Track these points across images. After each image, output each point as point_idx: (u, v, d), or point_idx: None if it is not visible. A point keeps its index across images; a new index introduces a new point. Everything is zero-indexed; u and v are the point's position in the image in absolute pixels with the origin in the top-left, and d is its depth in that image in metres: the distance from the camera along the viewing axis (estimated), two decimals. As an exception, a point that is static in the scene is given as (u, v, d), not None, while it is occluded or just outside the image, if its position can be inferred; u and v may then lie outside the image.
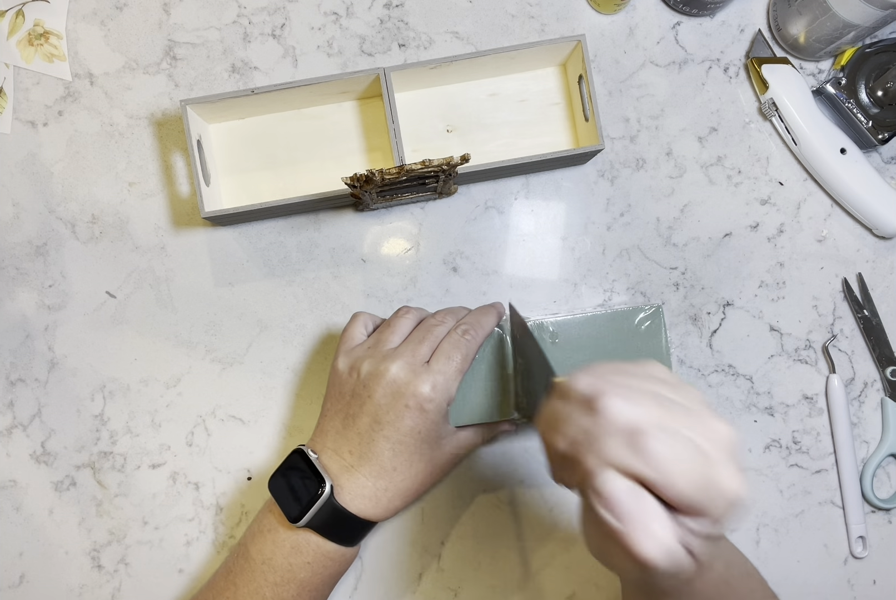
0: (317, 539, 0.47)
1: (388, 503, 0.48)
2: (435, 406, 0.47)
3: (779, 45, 0.62)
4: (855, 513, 0.60)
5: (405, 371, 0.47)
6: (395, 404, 0.46)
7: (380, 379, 0.47)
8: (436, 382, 0.47)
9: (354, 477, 0.47)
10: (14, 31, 0.61)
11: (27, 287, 0.60)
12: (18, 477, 0.59)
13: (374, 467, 0.47)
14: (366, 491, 0.47)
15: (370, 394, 0.47)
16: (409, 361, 0.47)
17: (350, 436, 0.48)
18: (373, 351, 0.49)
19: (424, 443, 0.48)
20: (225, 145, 0.60)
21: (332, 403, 0.50)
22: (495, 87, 0.61)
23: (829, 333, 0.61)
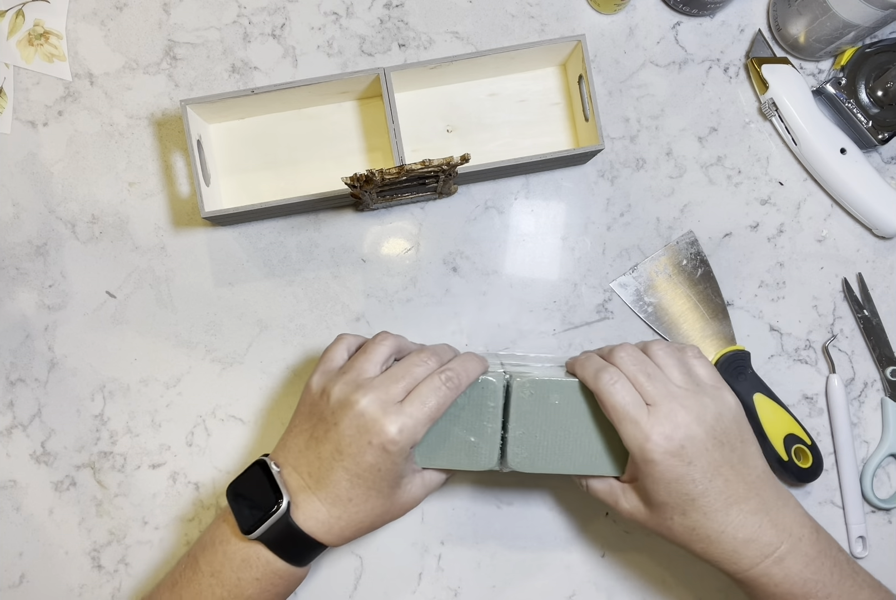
0: (267, 554, 0.46)
1: (340, 531, 0.47)
2: (398, 448, 0.45)
3: (779, 45, 0.62)
4: (855, 513, 0.60)
5: (375, 406, 0.45)
6: (358, 438, 0.45)
7: (348, 409, 0.45)
8: (404, 425, 0.45)
9: (310, 500, 0.46)
10: (14, 31, 0.61)
11: (27, 287, 0.60)
12: (18, 477, 0.59)
13: (329, 494, 0.46)
14: (320, 516, 0.46)
15: (336, 421, 0.46)
16: (381, 397, 0.45)
17: (311, 459, 0.47)
18: (347, 377, 0.47)
19: (384, 481, 0.46)
20: (225, 145, 0.60)
21: (299, 421, 0.49)
22: (495, 87, 0.61)
23: (829, 333, 0.61)
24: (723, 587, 0.59)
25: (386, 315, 0.60)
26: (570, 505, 0.59)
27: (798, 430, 0.58)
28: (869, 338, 0.61)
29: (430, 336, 0.60)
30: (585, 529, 0.59)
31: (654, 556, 0.59)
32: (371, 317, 0.60)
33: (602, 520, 0.59)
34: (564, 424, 0.49)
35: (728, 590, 0.59)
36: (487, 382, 0.49)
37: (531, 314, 0.60)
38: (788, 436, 0.58)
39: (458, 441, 0.49)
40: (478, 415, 0.49)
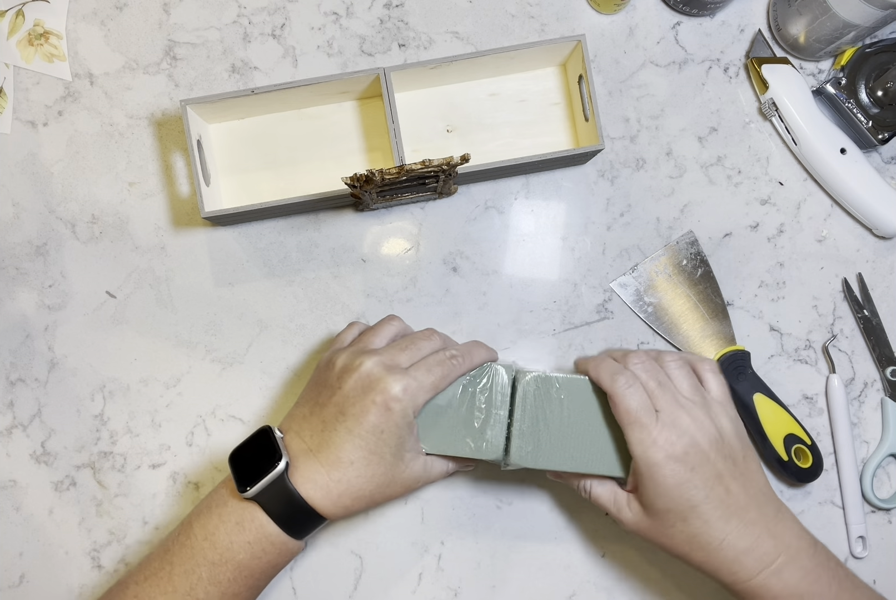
0: (262, 516, 0.46)
1: (337, 497, 0.47)
2: (401, 407, 0.46)
3: (779, 45, 0.62)
4: (855, 513, 0.60)
5: (379, 367, 0.47)
6: (362, 397, 0.46)
7: (353, 372, 0.47)
8: (407, 385, 0.46)
9: (310, 462, 0.47)
10: (14, 31, 0.61)
11: (27, 287, 0.60)
12: (18, 477, 0.59)
13: (330, 456, 0.47)
14: (318, 478, 0.46)
15: (341, 385, 0.47)
16: (385, 361, 0.47)
17: (314, 422, 0.48)
18: (354, 348, 0.49)
19: (386, 446, 0.46)
20: (225, 145, 0.60)
21: (306, 391, 0.51)
22: (495, 87, 0.61)
23: (829, 333, 0.61)
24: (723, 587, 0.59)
25: (386, 315, 0.60)
26: (570, 506, 0.59)
27: (798, 430, 0.58)
28: (869, 338, 0.61)
29: (430, 336, 0.60)
30: (585, 529, 0.59)
31: (654, 556, 0.59)
32: (371, 317, 0.60)
33: (602, 520, 0.59)
34: (569, 421, 0.50)
35: (728, 590, 0.59)
36: (497, 370, 0.50)
37: (531, 314, 0.60)
38: (788, 435, 0.58)
39: (464, 427, 0.50)
40: (485, 402, 0.50)
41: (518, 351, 0.60)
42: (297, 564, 0.58)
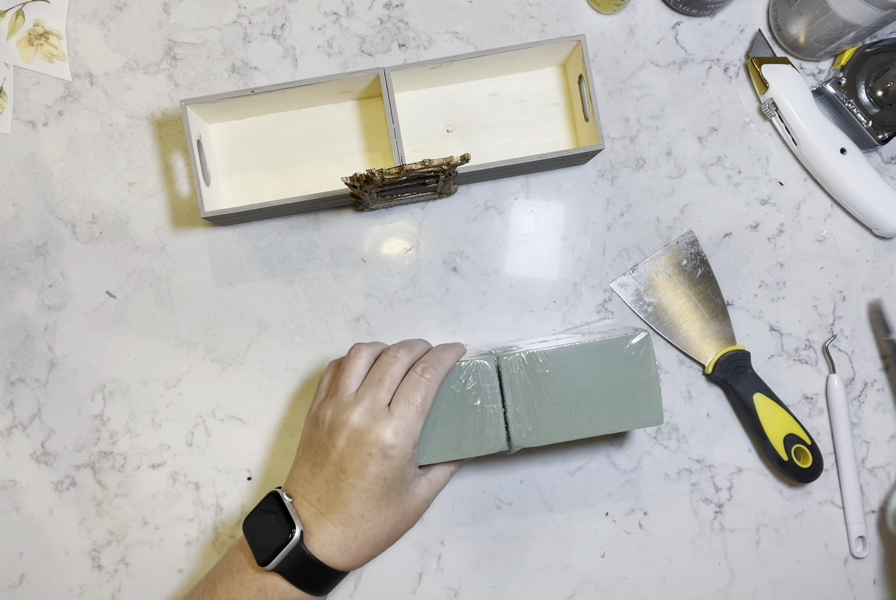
0: (284, 584, 0.46)
1: (357, 551, 0.47)
2: (399, 452, 0.46)
3: (779, 45, 0.62)
4: (855, 513, 0.60)
5: (366, 418, 0.46)
6: (358, 452, 0.46)
7: (342, 428, 0.47)
8: (398, 428, 0.46)
9: (324, 525, 0.47)
10: (14, 31, 0.61)
11: (27, 287, 0.60)
12: (18, 477, 0.59)
13: (342, 515, 0.47)
14: (335, 539, 0.47)
15: (334, 443, 0.47)
16: (368, 407, 0.47)
17: (317, 484, 0.48)
18: (334, 399, 0.49)
19: (391, 490, 0.47)
20: (225, 145, 0.60)
21: (301, 452, 0.50)
22: (495, 87, 0.61)
23: (830, 333, 0.61)
24: (722, 587, 0.59)
25: (386, 315, 0.60)
26: (570, 505, 0.59)
27: (798, 430, 0.58)
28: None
29: (431, 336, 0.60)
30: (585, 529, 0.59)
31: (654, 556, 0.59)
32: (371, 317, 0.60)
33: (602, 520, 0.59)
34: (559, 392, 0.51)
35: (728, 590, 0.59)
36: (479, 365, 0.51)
37: (531, 314, 0.60)
38: (788, 435, 0.58)
39: (462, 429, 0.50)
40: (476, 399, 0.50)
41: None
42: (297, 564, 0.59)
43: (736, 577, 0.60)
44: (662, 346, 0.61)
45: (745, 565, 0.60)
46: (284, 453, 0.59)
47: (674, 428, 0.60)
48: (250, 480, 0.59)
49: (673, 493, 0.60)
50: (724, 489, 0.60)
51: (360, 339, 0.60)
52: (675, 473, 0.60)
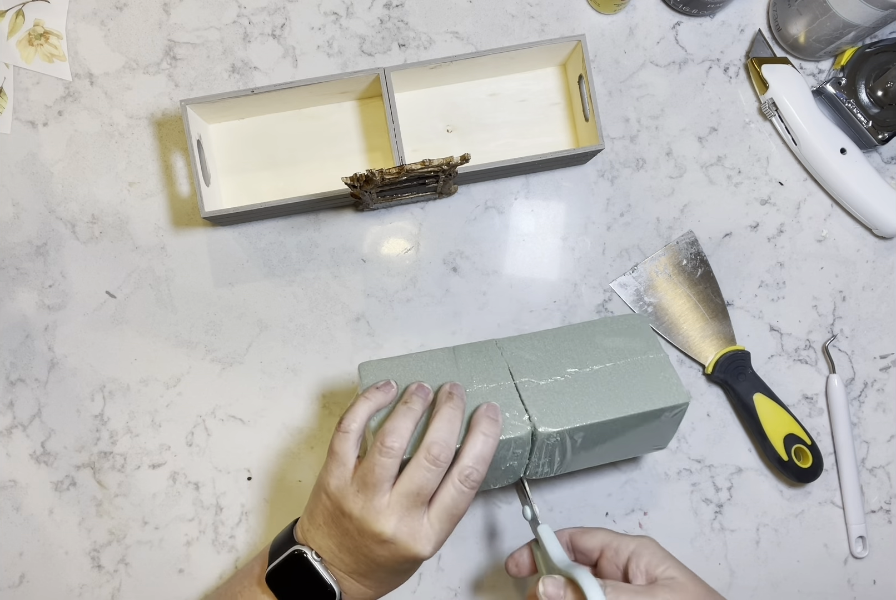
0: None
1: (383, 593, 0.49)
2: (432, 556, 0.46)
3: (779, 45, 0.62)
4: (855, 513, 0.60)
5: (403, 535, 0.44)
6: (394, 559, 0.45)
7: (378, 541, 0.44)
8: (437, 542, 0.45)
9: (356, 586, 0.47)
10: (14, 31, 0.61)
11: (27, 287, 0.60)
12: (18, 477, 0.59)
13: (374, 582, 0.47)
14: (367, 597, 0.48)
15: (369, 549, 0.45)
16: (405, 519, 0.44)
17: (348, 561, 0.46)
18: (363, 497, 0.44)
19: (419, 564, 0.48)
20: (225, 145, 0.60)
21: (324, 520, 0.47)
22: (495, 87, 0.61)
23: (829, 333, 0.61)
24: (723, 587, 0.59)
25: (386, 315, 0.60)
26: (569, 505, 0.59)
27: (798, 430, 0.58)
28: None
29: (431, 336, 0.60)
30: (585, 529, 0.59)
31: (654, 556, 0.59)
32: (371, 317, 0.60)
33: (602, 521, 0.59)
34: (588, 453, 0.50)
35: (728, 590, 0.59)
36: (516, 439, 0.47)
37: (531, 314, 0.60)
38: (788, 435, 0.58)
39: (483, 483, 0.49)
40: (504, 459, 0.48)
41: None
42: (297, 564, 0.59)
43: (736, 577, 0.60)
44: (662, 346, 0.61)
45: (745, 565, 0.60)
46: (284, 453, 0.59)
47: (674, 428, 0.60)
48: (250, 480, 0.59)
49: (673, 493, 0.60)
50: (724, 489, 0.60)
51: (360, 339, 0.60)
52: (675, 473, 0.60)
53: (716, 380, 0.60)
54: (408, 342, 0.60)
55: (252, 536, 0.59)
